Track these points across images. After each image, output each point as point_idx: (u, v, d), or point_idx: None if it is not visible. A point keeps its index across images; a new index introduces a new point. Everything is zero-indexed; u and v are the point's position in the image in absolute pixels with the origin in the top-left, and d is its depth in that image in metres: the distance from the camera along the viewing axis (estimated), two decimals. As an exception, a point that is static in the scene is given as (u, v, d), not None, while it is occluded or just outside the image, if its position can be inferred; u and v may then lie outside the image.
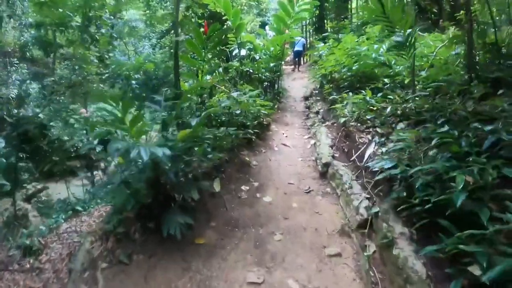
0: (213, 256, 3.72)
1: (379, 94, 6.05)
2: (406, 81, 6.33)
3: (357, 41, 8.15)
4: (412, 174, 3.35)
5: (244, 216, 4.42)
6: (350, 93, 6.77)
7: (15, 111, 11.04)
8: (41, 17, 11.35)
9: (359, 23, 15.15)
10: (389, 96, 5.92)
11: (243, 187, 5.09)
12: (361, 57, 7.28)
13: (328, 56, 9.15)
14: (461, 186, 2.82)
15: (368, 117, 5.69)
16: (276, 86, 11.27)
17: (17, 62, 12.20)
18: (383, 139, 4.96)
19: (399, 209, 3.38)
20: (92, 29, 11.98)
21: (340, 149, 5.97)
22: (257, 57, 10.23)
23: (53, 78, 11.93)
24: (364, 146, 5.09)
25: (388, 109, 5.40)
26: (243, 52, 10.49)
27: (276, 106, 9.99)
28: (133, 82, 11.74)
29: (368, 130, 5.56)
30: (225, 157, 5.40)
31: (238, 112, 6.32)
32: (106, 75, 11.71)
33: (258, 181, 5.35)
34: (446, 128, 3.73)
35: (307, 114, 9.55)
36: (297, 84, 13.77)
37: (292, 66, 17.28)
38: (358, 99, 6.15)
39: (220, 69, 10.24)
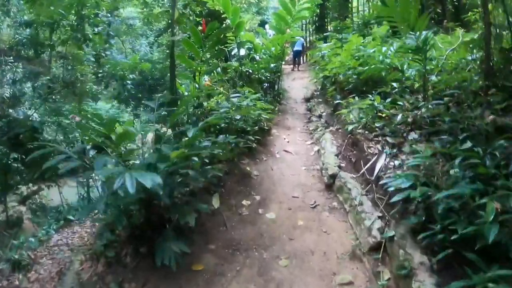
0: (212, 285, 3.38)
1: (388, 100, 5.70)
2: (416, 86, 5.98)
3: (363, 41, 7.78)
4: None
5: (245, 236, 4.08)
6: (356, 97, 6.42)
7: (11, 110, 10.71)
8: (34, 15, 10.97)
9: (360, 22, 14.79)
10: (398, 102, 5.58)
11: (244, 202, 4.74)
12: (369, 59, 6.92)
13: (331, 57, 8.79)
14: (492, 217, 2.49)
15: (376, 124, 5.34)
16: (276, 87, 10.91)
17: (12, 61, 11.81)
18: (394, 150, 4.62)
19: (419, 237, 3.03)
20: (87, 27, 11.61)
21: (346, 158, 5.62)
22: (257, 57, 9.85)
23: (48, 77, 11.56)
24: (374, 158, 4.74)
25: (399, 117, 5.06)
26: (243, 51, 10.12)
27: (276, 109, 9.62)
28: (128, 82, 11.38)
29: (377, 139, 5.21)
30: (224, 168, 5.05)
31: (238, 117, 5.97)
32: (100, 75, 11.34)
33: (260, 194, 5.00)
34: (469, 144, 3.38)
35: (309, 117, 9.19)
36: (297, 84, 13.40)
37: (292, 66, 16.92)
38: (366, 104, 5.80)
39: (219, 69, 9.90)
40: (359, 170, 5.05)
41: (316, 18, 17.65)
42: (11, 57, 11.84)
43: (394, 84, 6.13)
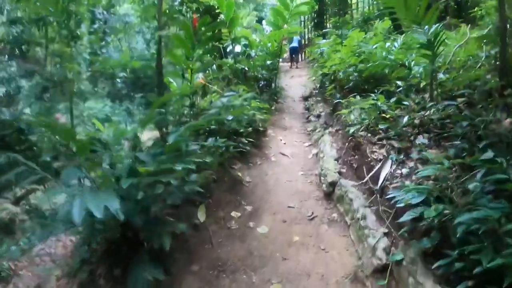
0: (192, 315, 2.93)
1: (392, 99, 5.23)
2: (422, 84, 5.52)
3: (364, 37, 7.31)
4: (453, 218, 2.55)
5: (233, 255, 3.61)
6: (357, 97, 5.96)
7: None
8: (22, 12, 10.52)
9: (360, 19, 14.32)
10: (404, 102, 5.12)
11: (233, 214, 4.28)
12: (371, 55, 6.44)
13: (331, 54, 8.33)
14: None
15: (380, 126, 4.88)
16: (273, 85, 10.44)
17: (6, 59, 11.39)
18: (401, 156, 4.16)
19: (434, 266, 2.57)
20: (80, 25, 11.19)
21: (347, 163, 5.16)
22: (253, 54, 9.39)
23: (39, 76, 11.13)
24: (379, 165, 4.27)
25: (405, 119, 4.59)
26: (238, 48, 9.64)
27: (273, 108, 9.17)
28: (118, 80, 10.91)
29: (381, 142, 4.75)
30: (213, 175, 4.59)
31: (230, 118, 5.51)
32: (89, 73, 10.88)
33: (252, 204, 4.54)
34: (490, 154, 2.91)
35: (307, 117, 8.74)
36: (295, 82, 12.94)
37: (289, 63, 16.48)
38: (368, 104, 5.34)
39: (214, 67, 9.45)
40: (362, 176, 4.60)
41: (315, 15, 17.16)
42: (6, 55, 11.46)
43: (399, 83, 5.66)
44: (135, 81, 11.73)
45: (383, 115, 5.12)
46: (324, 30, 12.52)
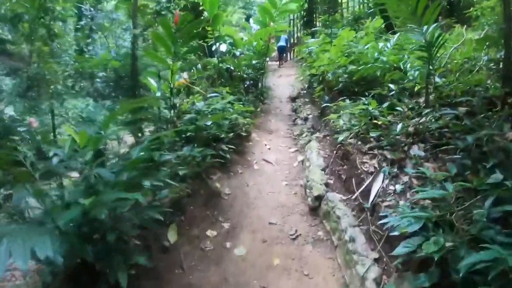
0: None
1: (385, 104, 4.86)
2: (416, 88, 5.15)
3: (355, 36, 6.91)
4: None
5: (206, 281, 3.19)
6: (347, 100, 5.57)
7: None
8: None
9: (350, 18, 13.95)
10: (397, 108, 4.74)
11: (209, 232, 3.85)
12: (361, 56, 6.06)
13: (320, 54, 7.94)
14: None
15: (371, 134, 4.49)
16: (260, 85, 10.02)
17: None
18: (394, 169, 3.78)
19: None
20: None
21: (335, 173, 4.76)
22: (238, 53, 8.95)
23: (21, 75, 10.55)
24: (370, 179, 3.88)
25: (398, 126, 4.21)
26: (224, 47, 9.19)
27: (258, 109, 8.76)
28: (98, 81, 10.35)
29: (372, 152, 4.36)
30: (187, 188, 4.16)
31: (209, 123, 5.08)
32: (67, 73, 10.32)
33: (230, 220, 4.12)
34: (499, 176, 2.53)
35: (293, 119, 8.33)
36: (283, 81, 12.53)
37: (278, 62, 16.11)
38: (358, 109, 4.95)
39: (199, 66, 9.02)
40: (351, 189, 4.21)
41: (304, 13, 16.75)
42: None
43: (391, 86, 5.28)
44: (117, 80, 11.14)
45: (375, 121, 4.75)
46: (313, 29, 12.11)
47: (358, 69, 5.60)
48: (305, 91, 10.05)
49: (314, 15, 16.61)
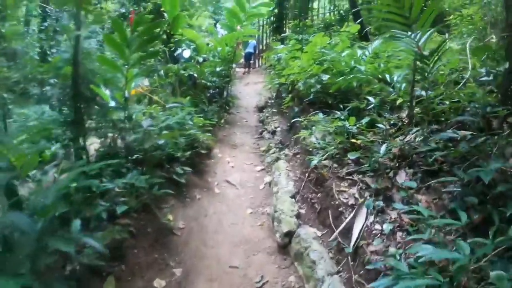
0: None
1: (364, 120, 4.22)
2: (398, 102, 4.55)
3: (329, 42, 6.28)
4: None
5: None
6: (320, 114, 4.91)
7: None
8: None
9: (322, 25, 13.46)
10: (378, 124, 4.11)
11: (156, 283, 3.05)
12: (335, 64, 5.43)
13: (289, 61, 7.31)
14: None
15: (350, 156, 3.84)
16: (225, 93, 9.29)
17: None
18: (379, 201, 3.12)
19: None
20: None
21: (308, 201, 4.07)
22: (201, 59, 8.19)
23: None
24: (351, 214, 3.20)
25: (382, 148, 3.56)
26: (187, 53, 8.39)
27: (223, 120, 8.03)
28: (48, 88, 9.36)
29: (351, 178, 3.70)
30: (131, 225, 3.36)
31: (161, 142, 4.31)
32: (15, 79, 9.27)
33: (183, 263, 3.35)
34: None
35: (260, 132, 7.64)
36: (250, 90, 11.87)
37: (243, 69, 15.43)
38: (334, 126, 4.30)
39: (162, 73, 8.22)
40: (327, 223, 3.54)
41: (274, 19, 16.18)
42: None
43: (370, 99, 4.65)
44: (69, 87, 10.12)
45: (353, 140, 4.10)
46: (283, 35, 11.49)
47: (336, 81, 4.92)
48: (273, 101, 9.41)
49: (284, 21, 16.06)
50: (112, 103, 5.26)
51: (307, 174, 4.33)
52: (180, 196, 4.35)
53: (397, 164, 3.48)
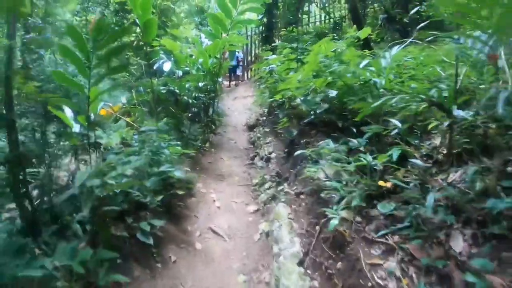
0: None
1: (394, 153, 3.12)
2: (431, 125, 3.48)
3: (334, 50, 5.14)
4: None
5: None
6: (331, 143, 3.80)
7: None
8: None
9: (314, 33, 12.43)
10: (415, 161, 3.04)
11: None
12: (343, 78, 4.34)
13: (283, 73, 6.25)
14: None
15: (381, 209, 2.75)
16: (210, 110, 8.15)
17: None
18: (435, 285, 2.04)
19: None
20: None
21: (321, 270, 2.93)
22: (180, 73, 7.05)
23: None
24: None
25: (429, 200, 2.47)
26: (168, 66, 7.22)
27: (207, 144, 6.91)
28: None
29: (385, 241, 2.60)
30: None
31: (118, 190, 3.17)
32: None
33: None
34: None
35: (252, 157, 6.51)
36: (239, 105, 10.78)
37: (228, 83, 14.52)
38: (355, 166, 3.20)
39: (141, 89, 7.11)
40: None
41: (263, 28, 15.15)
42: None
43: (395, 121, 3.55)
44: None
45: (381, 182, 3.01)
46: (274, 44, 10.39)
47: (370, 103, 3.77)
48: (264, 118, 8.32)
49: (274, 31, 15.03)
50: (76, 128, 4.19)
51: (318, 228, 3.20)
52: (147, 262, 3.19)
53: (449, 222, 2.41)
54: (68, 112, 4.34)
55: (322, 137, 4.61)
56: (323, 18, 15.62)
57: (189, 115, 7.10)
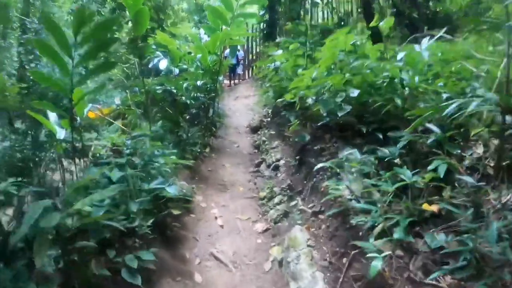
0: None
1: (440, 169, 2.50)
2: (474, 132, 2.88)
3: (354, 43, 4.46)
4: None
5: None
6: (356, 152, 3.17)
7: None
8: None
9: (318, 29, 11.73)
10: (464, 178, 2.44)
11: None
12: (364, 75, 3.71)
13: (290, 70, 5.63)
14: None
15: (431, 243, 2.14)
16: (210, 111, 7.52)
17: None
18: None
19: None
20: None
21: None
22: (177, 71, 6.41)
23: None
24: None
25: (492, 231, 1.87)
26: (164, 63, 6.56)
27: (207, 148, 6.30)
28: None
29: (438, 284, 1.99)
30: None
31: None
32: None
33: None
34: None
35: (257, 163, 5.87)
36: (241, 105, 10.14)
37: (229, 82, 13.95)
38: (390, 182, 2.58)
39: (137, 89, 6.51)
40: None
41: (264, 25, 14.47)
42: None
43: (433, 127, 2.93)
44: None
45: (425, 205, 2.40)
46: (279, 39, 9.67)
47: (421, 110, 3.07)
48: (269, 119, 7.69)
49: (276, 27, 14.33)
50: (61, 134, 3.62)
51: (345, 261, 2.57)
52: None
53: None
54: (52, 117, 3.79)
55: (340, 143, 4.01)
56: (326, 15, 14.89)
57: (187, 117, 6.48)
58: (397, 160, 2.91)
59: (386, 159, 2.99)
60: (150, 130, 4.87)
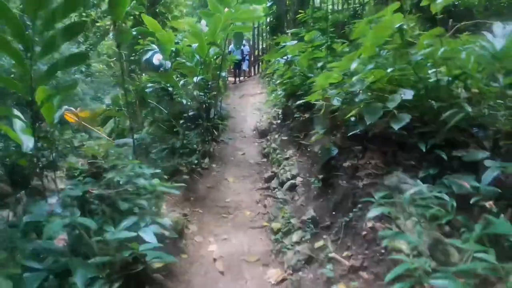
0: None
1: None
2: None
3: (400, 26, 3.33)
4: None
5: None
6: (421, 185, 2.12)
7: None
8: None
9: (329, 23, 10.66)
10: None
11: None
12: (418, 70, 2.67)
13: (305, 64, 4.59)
14: None
15: None
16: (212, 112, 6.51)
17: None
18: None
19: None
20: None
21: None
22: (168, 64, 5.36)
23: None
24: None
25: None
26: (159, 57, 5.54)
27: (207, 158, 5.29)
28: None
29: None
30: None
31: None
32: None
33: None
34: None
35: (267, 178, 4.84)
36: (247, 104, 9.13)
37: (234, 79, 13.15)
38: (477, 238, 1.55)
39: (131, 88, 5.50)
40: None
41: (272, 19, 13.43)
42: None
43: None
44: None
45: None
46: (291, 30, 8.55)
47: None
48: (279, 121, 6.63)
49: (284, 21, 13.27)
50: (28, 144, 2.93)
51: None
52: None
53: None
54: (18, 124, 3.03)
55: (378, 159, 2.98)
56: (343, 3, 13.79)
57: (183, 120, 5.45)
58: (488, 203, 1.87)
59: (464, 193, 1.97)
60: (134, 139, 3.89)
